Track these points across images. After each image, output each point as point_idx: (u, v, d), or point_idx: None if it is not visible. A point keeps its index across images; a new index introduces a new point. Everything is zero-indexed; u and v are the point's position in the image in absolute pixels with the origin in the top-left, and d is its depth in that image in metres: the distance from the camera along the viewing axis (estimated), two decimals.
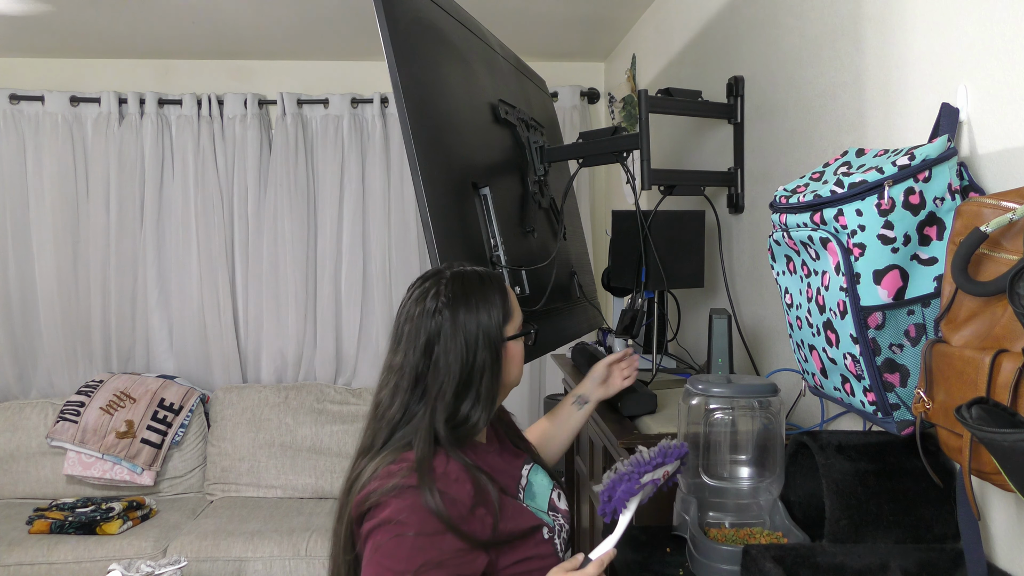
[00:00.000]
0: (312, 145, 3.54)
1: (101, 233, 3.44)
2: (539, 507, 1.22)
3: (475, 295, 1.18)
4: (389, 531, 1.04)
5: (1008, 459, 0.74)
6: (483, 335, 1.16)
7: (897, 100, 1.25)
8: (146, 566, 2.23)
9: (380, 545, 1.04)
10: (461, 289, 1.17)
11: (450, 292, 1.17)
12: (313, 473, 3.20)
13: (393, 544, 1.03)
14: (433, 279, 1.20)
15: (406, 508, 1.05)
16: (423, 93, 1.47)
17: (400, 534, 1.03)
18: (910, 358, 1.03)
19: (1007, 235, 0.84)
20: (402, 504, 1.05)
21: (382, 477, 1.09)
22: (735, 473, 1.29)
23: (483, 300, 1.18)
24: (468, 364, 1.14)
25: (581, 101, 3.63)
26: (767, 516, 1.25)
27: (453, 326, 1.14)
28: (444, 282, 1.18)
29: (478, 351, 1.15)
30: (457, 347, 1.14)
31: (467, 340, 1.15)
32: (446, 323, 1.14)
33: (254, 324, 3.54)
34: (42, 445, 3.17)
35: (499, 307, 1.19)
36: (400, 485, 1.06)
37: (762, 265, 1.80)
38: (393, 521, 1.04)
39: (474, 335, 1.15)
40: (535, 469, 1.29)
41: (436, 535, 1.04)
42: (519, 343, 1.23)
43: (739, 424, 1.28)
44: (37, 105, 3.42)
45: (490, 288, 1.20)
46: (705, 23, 2.20)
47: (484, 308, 1.17)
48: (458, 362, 1.14)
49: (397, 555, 1.03)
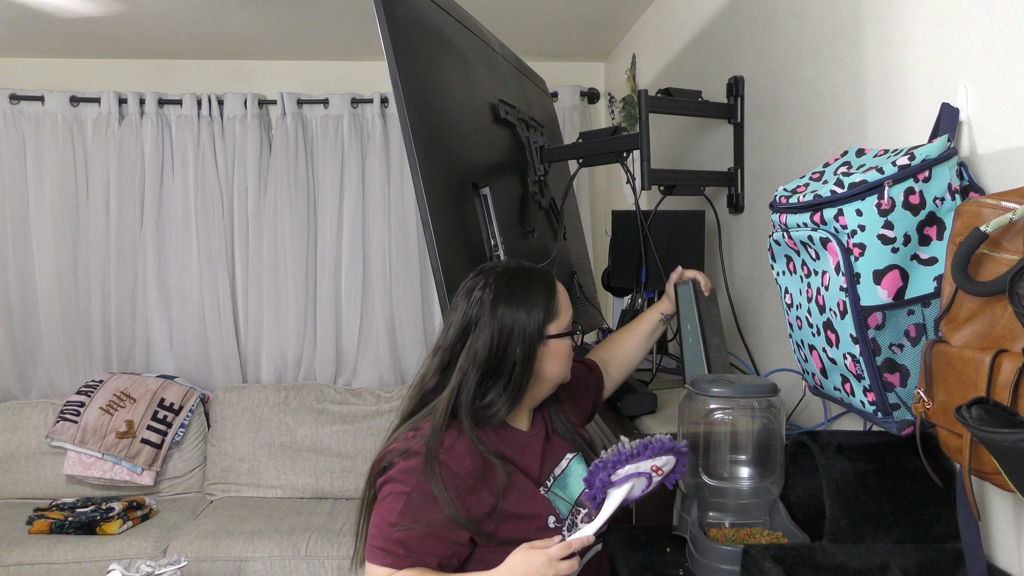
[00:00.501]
0: (312, 145, 3.54)
1: (101, 233, 3.44)
2: (567, 497, 1.29)
3: (519, 291, 1.25)
4: (390, 488, 1.18)
5: (1008, 459, 0.74)
6: (519, 330, 1.23)
7: (897, 100, 1.25)
8: (146, 566, 2.23)
9: (382, 499, 1.19)
10: (506, 285, 1.25)
11: (495, 286, 1.25)
12: (313, 473, 3.20)
13: (391, 500, 1.17)
14: (485, 272, 1.29)
15: (408, 471, 1.17)
16: (423, 93, 1.47)
17: (398, 492, 1.17)
18: (910, 358, 1.03)
19: (1007, 235, 0.84)
20: (406, 466, 1.18)
21: (400, 441, 1.22)
22: (735, 473, 1.29)
23: (525, 297, 1.25)
24: (498, 355, 1.23)
25: (581, 101, 3.63)
26: (767, 516, 1.25)
27: (491, 317, 1.23)
28: (493, 276, 1.27)
29: (510, 344, 1.23)
30: (490, 337, 1.22)
31: (501, 332, 1.23)
32: (485, 313, 1.23)
33: (254, 324, 3.54)
34: (42, 445, 3.17)
35: (541, 306, 1.26)
36: (410, 450, 1.19)
37: (762, 265, 1.80)
38: (395, 480, 1.18)
39: (509, 329, 1.23)
40: (578, 459, 1.35)
41: (428, 500, 1.15)
42: (564, 342, 1.29)
43: (739, 424, 1.28)
44: (37, 105, 3.42)
45: (536, 287, 1.28)
46: (705, 23, 2.20)
47: (525, 305, 1.25)
48: (487, 350, 1.22)
49: (392, 509, 1.16)
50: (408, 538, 1.15)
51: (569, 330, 1.31)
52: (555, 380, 1.31)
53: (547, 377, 1.29)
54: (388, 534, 1.15)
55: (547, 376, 1.29)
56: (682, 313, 1.62)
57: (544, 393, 1.32)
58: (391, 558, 1.15)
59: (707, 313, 1.62)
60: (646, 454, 1.12)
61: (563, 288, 1.33)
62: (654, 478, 1.15)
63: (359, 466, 3.20)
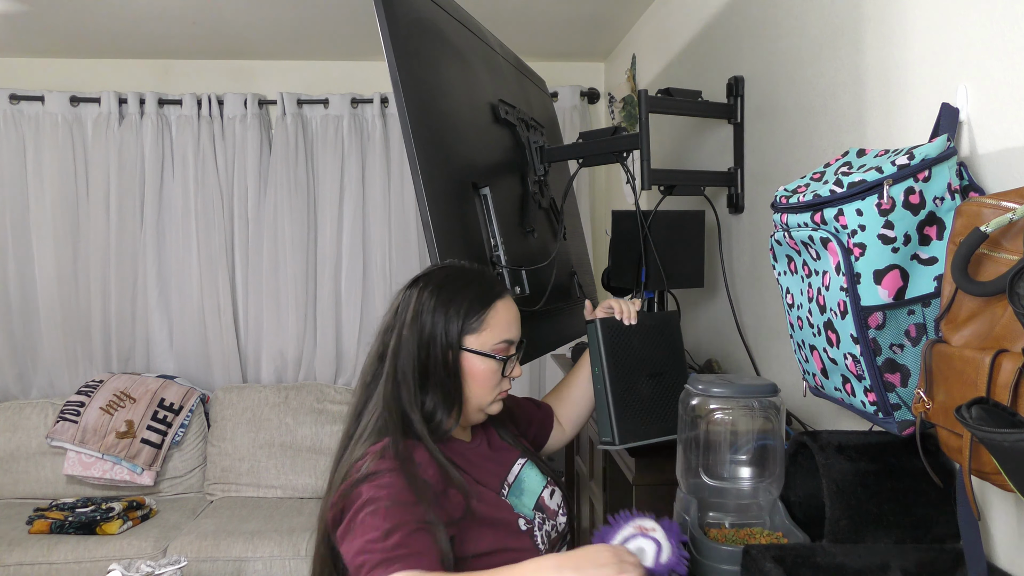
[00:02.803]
0: (312, 145, 3.54)
1: (101, 233, 3.44)
2: (524, 504, 1.24)
3: (445, 294, 1.18)
4: (364, 510, 1.05)
5: (1008, 459, 0.74)
6: (437, 334, 1.17)
7: (897, 100, 1.25)
8: (146, 566, 2.23)
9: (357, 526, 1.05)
10: (437, 284, 1.20)
11: (429, 283, 1.20)
12: (313, 473, 3.20)
13: (369, 518, 1.04)
14: (433, 269, 1.24)
15: (376, 487, 1.06)
16: (423, 93, 1.47)
17: (374, 509, 1.04)
18: (911, 358, 1.03)
19: (1007, 235, 0.84)
20: (373, 484, 1.06)
21: (352, 474, 1.10)
22: (735, 473, 1.29)
23: (449, 302, 1.18)
24: (422, 358, 1.16)
25: (581, 101, 3.63)
26: (767, 516, 1.25)
27: (415, 315, 1.17)
28: (434, 274, 1.22)
29: (431, 347, 1.17)
30: (412, 337, 1.16)
31: (421, 333, 1.17)
32: (410, 314, 1.17)
33: (254, 324, 3.54)
34: (42, 445, 3.17)
35: (463, 315, 1.18)
36: (368, 473, 1.08)
37: (762, 265, 1.80)
38: (368, 502, 1.05)
39: (428, 331, 1.17)
40: (529, 465, 1.30)
41: (409, 505, 1.05)
42: (485, 363, 1.19)
43: (739, 424, 1.28)
44: (37, 105, 3.42)
45: (467, 294, 1.19)
46: (705, 23, 2.20)
47: (446, 310, 1.18)
48: (411, 353, 1.16)
49: (374, 525, 1.03)
50: (405, 539, 1.01)
51: (493, 352, 1.19)
52: (476, 404, 1.21)
53: (468, 397, 1.20)
54: (382, 546, 1.00)
55: (467, 395, 1.20)
56: (591, 356, 1.42)
57: (473, 417, 1.24)
58: (398, 563, 0.98)
59: (625, 353, 1.41)
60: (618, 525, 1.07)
61: (508, 309, 1.23)
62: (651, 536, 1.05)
63: None
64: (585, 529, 2.25)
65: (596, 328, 1.38)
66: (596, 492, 2.00)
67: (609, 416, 1.37)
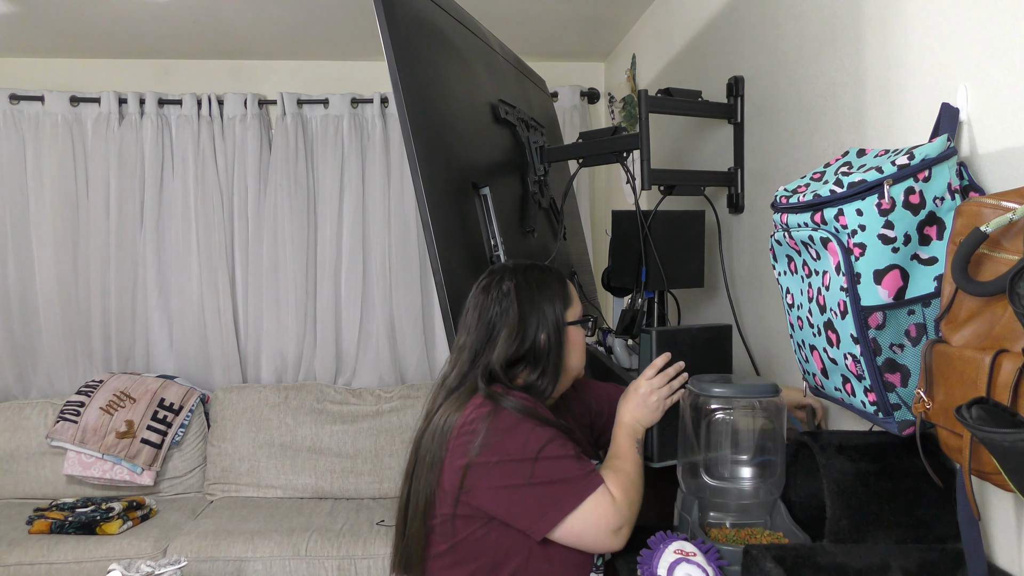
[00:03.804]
0: (312, 145, 3.54)
1: (101, 233, 3.44)
2: None
3: (537, 282, 1.32)
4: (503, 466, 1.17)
5: (1008, 459, 0.74)
6: (544, 318, 1.30)
7: (897, 100, 1.25)
8: (146, 566, 2.23)
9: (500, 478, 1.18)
10: (524, 278, 1.32)
11: (513, 280, 1.31)
12: (313, 473, 3.20)
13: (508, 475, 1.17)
14: (498, 271, 1.34)
15: (523, 432, 1.19)
16: (423, 93, 1.47)
17: (501, 460, 1.17)
18: (911, 358, 1.03)
19: (1007, 235, 0.84)
20: (518, 431, 1.19)
21: (469, 421, 1.20)
22: (736, 473, 1.29)
23: (546, 287, 1.32)
24: (529, 341, 1.28)
25: (581, 101, 3.63)
26: (768, 516, 1.25)
27: (518, 307, 1.28)
28: (508, 272, 1.32)
29: (539, 331, 1.29)
30: (520, 327, 1.28)
31: (529, 321, 1.29)
32: (512, 305, 1.28)
33: (254, 324, 3.54)
34: (42, 445, 3.17)
35: (560, 295, 1.33)
36: (494, 420, 1.19)
37: (762, 265, 1.80)
38: (504, 460, 1.17)
39: (535, 317, 1.29)
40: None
41: (558, 437, 1.21)
42: (579, 330, 1.35)
43: (740, 424, 1.28)
44: (37, 105, 3.42)
45: (551, 277, 1.35)
46: (705, 23, 2.20)
47: (546, 294, 1.31)
48: (519, 339, 1.27)
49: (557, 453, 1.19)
50: (572, 454, 1.20)
51: (583, 318, 1.37)
52: (573, 370, 1.36)
53: (569, 366, 1.34)
54: (577, 470, 1.19)
55: (569, 365, 1.34)
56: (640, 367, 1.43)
57: (565, 385, 1.37)
58: (588, 478, 1.19)
59: None
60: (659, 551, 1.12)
61: (571, 283, 1.39)
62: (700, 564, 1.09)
63: (359, 466, 3.20)
64: None
65: (651, 340, 1.39)
66: None
67: (651, 431, 1.36)
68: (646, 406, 1.32)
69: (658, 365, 1.34)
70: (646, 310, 1.96)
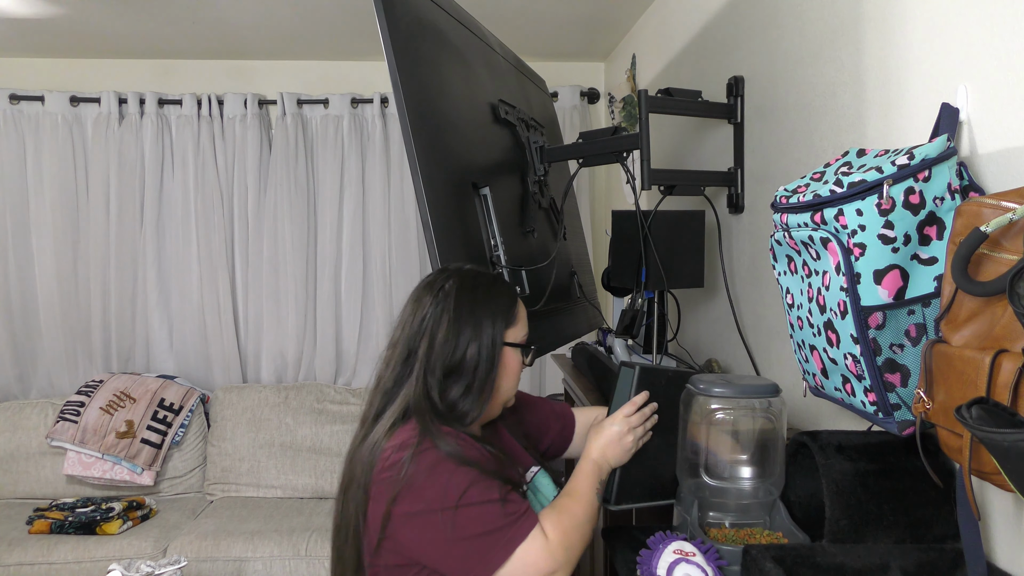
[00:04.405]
0: (312, 145, 3.54)
1: (101, 233, 3.44)
2: (539, 506, 1.25)
3: (482, 291, 1.23)
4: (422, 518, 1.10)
5: (1008, 459, 0.74)
6: (480, 330, 1.20)
7: (897, 100, 1.25)
8: (146, 566, 2.23)
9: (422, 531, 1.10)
10: (469, 283, 1.23)
11: (457, 283, 1.22)
12: (313, 473, 3.20)
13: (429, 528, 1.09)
14: (443, 272, 1.26)
15: (444, 476, 1.10)
16: (423, 93, 1.47)
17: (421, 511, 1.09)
18: (911, 358, 1.03)
19: (1007, 235, 0.84)
20: (438, 475, 1.10)
21: (394, 450, 1.13)
22: (736, 473, 1.29)
23: (489, 298, 1.23)
24: (460, 351, 1.19)
25: (581, 101, 3.63)
26: (767, 516, 1.25)
27: (455, 313, 1.20)
28: (455, 275, 1.25)
29: (471, 342, 1.20)
30: (452, 333, 1.19)
31: (462, 329, 1.19)
32: (448, 310, 1.20)
33: (254, 324, 3.54)
34: (42, 445, 3.17)
35: (503, 311, 1.23)
36: (417, 458, 1.11)
37: (762, 265, 1.80)
38: (423, 510, 1.10)
39: (471, 327, 1.20)
40: (543, 473, 1.33)
41: (483, 479, 1.11)
42: (516, 355, 1.25)
43: (740, 424, 1.28)
44: (37, 105, 3.42)
45: (499, 291, 1.25)
46: (705, 23, 2.20)
47: (488, 306, 1.22)
48: (450, 346, 1.18)
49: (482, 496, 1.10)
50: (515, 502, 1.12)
51: (524, 343, 1.27)
52: (503, 396, 1.26)
53: (499, 390, 1.24)
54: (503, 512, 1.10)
55: (499, 388, 1.24)
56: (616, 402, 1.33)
57: (495, 411, 1.28)
58: (516, 524, 1.09)
59: None
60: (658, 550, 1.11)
61: (522, 305, 1.29)
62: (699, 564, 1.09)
63: None
64: None
65: (633, 375, 1.30)
66: None
67: (613, 472, 1.29)
68: (620, 445, 1.24)
69: (638, 403, 1.27)
70: (646, 310, 1.96)
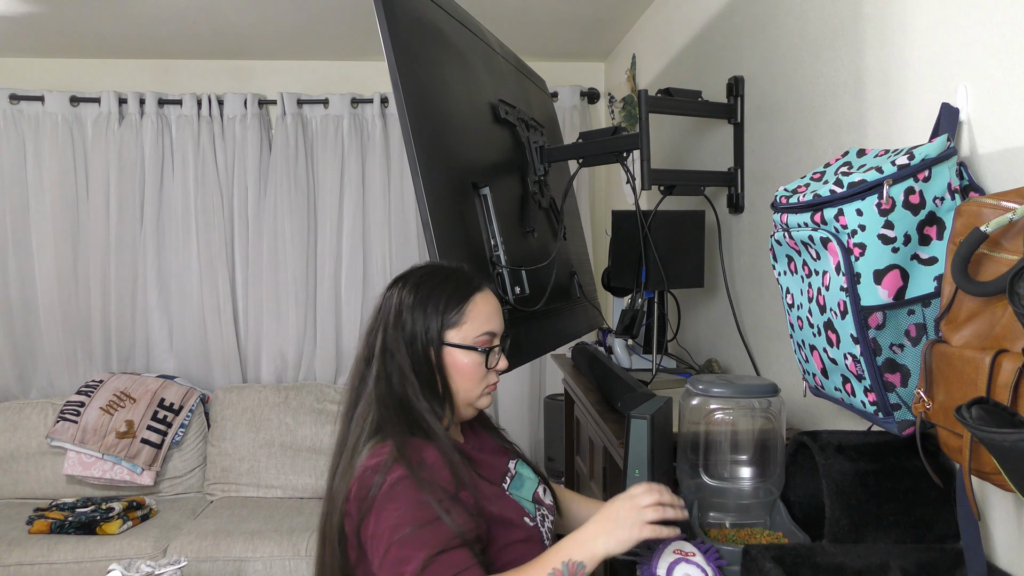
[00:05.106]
0: (312, 145, 3.54)
1: (101, 233, 3.44)
2: (524, 496, 1.25)
3: (424, 290, 1.21)
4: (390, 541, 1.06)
5: (1008, 459, 0.74)
6: (418, 331, 1.19)
7: (897, 100, 1.25)
8: (146, 566, 2.23)
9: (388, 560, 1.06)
10: (415, 283, 1.22)
11: (408, 284, 1.22)
12: (313, 473, 3.20)
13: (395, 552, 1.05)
14: (410, 271, 1.26)
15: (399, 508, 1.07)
16: (423, 93, 1.47)
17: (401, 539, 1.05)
18: (911, 358, 1.03)
19: (1007, 235, 0.84)
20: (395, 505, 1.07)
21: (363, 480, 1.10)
22: (735, 473, 1.29)
23: (430, 297, 1.20)
24: (411, 357, 1.18)
25: (581, 101, 3.63)
26: (767, 516, 1.25)
27: (398, 318, 1.19)
28: (412, 275, 1.24)
29: (414, 344, 1.19)
30: (398, 338, 1.18)
31: (404, 331, 1.19)
32: (392, 314, 1.20)
33: (254, 324, 3.54)
34: (42, 445, 3.17)
35: (442, 310, 1.20)
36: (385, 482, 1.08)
37: (762, 265, 1.80)
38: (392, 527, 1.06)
39: (410, 328, 1.19)
40: (521, 463, 1.33)
41: (431, 524, 1.06)
42: (468, 356, 1.20)
43: (739, 424, 1.28)
44: (37, 105, 3.42)
45: (445, 289, 1.21)
46: (705, 23, 2.20)
47: (427, 305, 1.20)
48: (400, 352, 1.18)
49: (404, 556, 1.04)
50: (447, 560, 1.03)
51: (475, 344, 1.19)
52: (464, 398, 1.22)
53: (454, 391, 1.21)
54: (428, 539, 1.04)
55: (453, 389, 1.20)
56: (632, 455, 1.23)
57: (464, 412, 1.24)
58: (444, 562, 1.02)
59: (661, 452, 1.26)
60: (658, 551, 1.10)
61: (488, 301, 1.23)
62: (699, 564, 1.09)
63: None
64: None
65: (647, 427, 1.20)
66: (596, 492, 1.99)
67: None
68: (619, 523, 1.07)
69: (656, 491, 1.10)
70: (646, 310, 1.96)
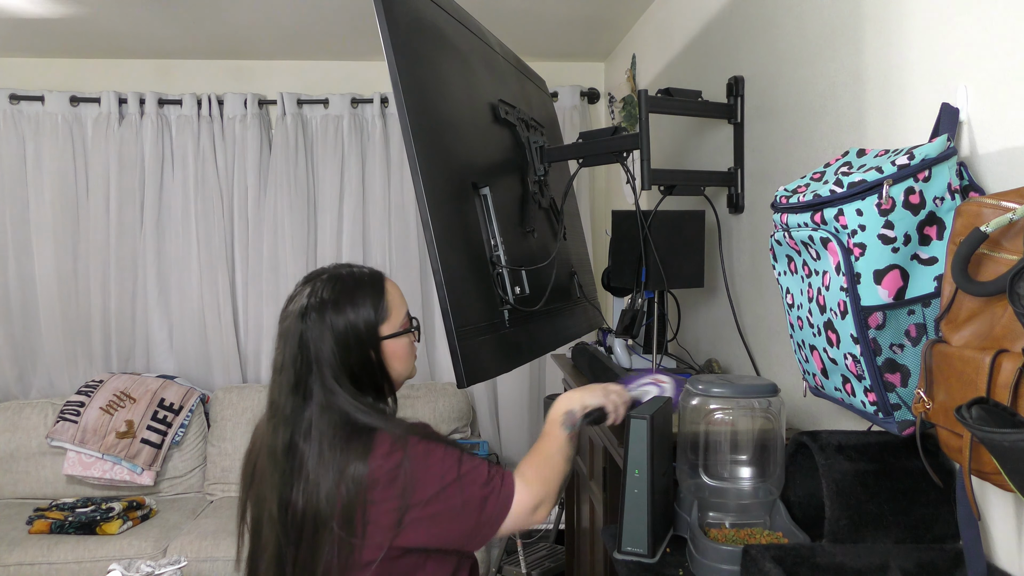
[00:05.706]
0: (312, 145, 3.54)
1: (101, 233, 3.44)
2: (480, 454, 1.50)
3: (343, 297, 1.24)
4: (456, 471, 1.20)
5: (1008, 459, 0.74)
6: (354, 335, 1.23)
7: (897, 100, 1.25)
8: (146, 566, 2.23)
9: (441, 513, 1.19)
10: (331, 291, 1.24)
11: (321, 294, 1.24)
12: None
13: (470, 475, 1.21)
14: (310, 281, 1.27)
15: (440, 453, 1.21)
16: (423, 93, 1.47)
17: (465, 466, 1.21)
18: (911, 358, 1.03)
19: (1007, 235, 0.84)
20: (435, 456, 1.20)
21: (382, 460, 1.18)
22: (735, 473, 1.29)
23: (351, 303, 1.24)
24: (347, 362, 1.22)
25: (581, 101, 3.63)
26: (767, 516, 1.25)
27: (321, 327, 1.21)
28: (319, 283, 1.26)
29: (352, 350, 1.22)
30: (329, 347, 1.21)
31: (338, 339, 1.22)
32: (315, 324, 1.22)
33: (254, 324, 3.54)
34: (42, 445, 3.17)
35: (369, 308, 1.25)
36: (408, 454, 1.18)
37: (762, 265, 1.80)
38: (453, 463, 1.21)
39: (343, 335, 1.22)
40: None
41: (467, 452, 1.24)
42: (401, 341, 1.30)
43: (739, 424, 1.28)
44: (37, 105, 3.42)
45: (361, 290, 1.26)
46: (705, 23, 2.20)
47: (352, 310, 1.23)
48: (335, 359, 1.21)
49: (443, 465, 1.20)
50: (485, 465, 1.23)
51: (405, 328, 1.31)
52: (401, 378, 1.32)
53: (395, 376, 1.31)
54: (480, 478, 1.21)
55: (395, 375, 1.30)
56: (631, 455, 1.24)
57: (399, 390, 1.36)
58: (504, 481, 1.23)
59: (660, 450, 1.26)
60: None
61: (394, 286, 1.33)
62: (663, 387, 1.44)
63: None
64: (585, 530, 2.25)
65: (647, 428, 1.22)
66: (596, 492, 2.00)
67: (648, 526, 1.22)
68: (594, 391, 1.38)
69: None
70: (646, 310, 1.96)
